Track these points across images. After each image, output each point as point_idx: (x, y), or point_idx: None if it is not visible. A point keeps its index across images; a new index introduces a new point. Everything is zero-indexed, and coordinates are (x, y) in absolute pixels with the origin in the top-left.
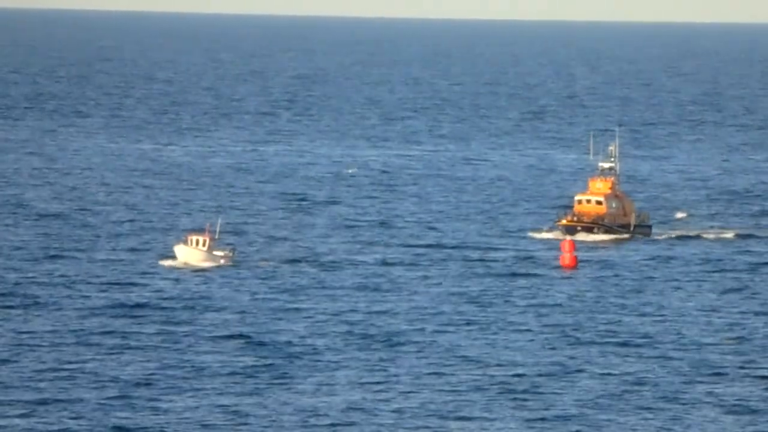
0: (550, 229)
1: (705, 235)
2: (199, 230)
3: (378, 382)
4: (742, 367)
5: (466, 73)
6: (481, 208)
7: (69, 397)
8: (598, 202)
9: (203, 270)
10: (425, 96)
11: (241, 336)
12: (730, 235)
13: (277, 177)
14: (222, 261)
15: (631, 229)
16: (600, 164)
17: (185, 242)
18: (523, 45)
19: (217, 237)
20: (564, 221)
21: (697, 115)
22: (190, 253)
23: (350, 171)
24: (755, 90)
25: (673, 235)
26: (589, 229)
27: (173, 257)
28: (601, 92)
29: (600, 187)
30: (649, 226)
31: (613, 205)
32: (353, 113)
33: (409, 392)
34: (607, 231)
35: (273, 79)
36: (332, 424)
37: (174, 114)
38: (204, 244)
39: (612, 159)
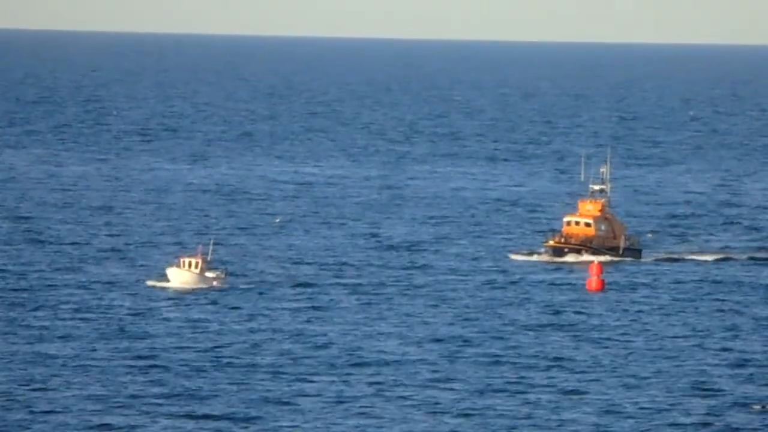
0: (530, 253)
1: (700, 257)
2: (192, 252)
3: (380, 407)
4: (744, 393)
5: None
6: (483, 229)
7: (58, 419)
8: (587, 224)
9: (195, 292)
10: (428, 118)
11: (234, 358)
12: (714, 257)
13: (270, 197)
14: (214, 282)
15: (620, 252)
16: (590, 186)
17: (178, 265)
18: (519, 65)
19: (209, 258)
20: (551, 242)
21: (697, 136)
22: (183, 276)
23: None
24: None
25: (663, 258)
26: (576, 251)
27: (166, 279)
28: (602, 112)
29: (590, 209)
30: (639, 250)
31: (602, 227)
32: (348, 133)
33: (416, 419)
34: (595, 253)
35: (266, 99)
36: None
37: (168, 135)
38: (196, 267)
39: (603, 181)
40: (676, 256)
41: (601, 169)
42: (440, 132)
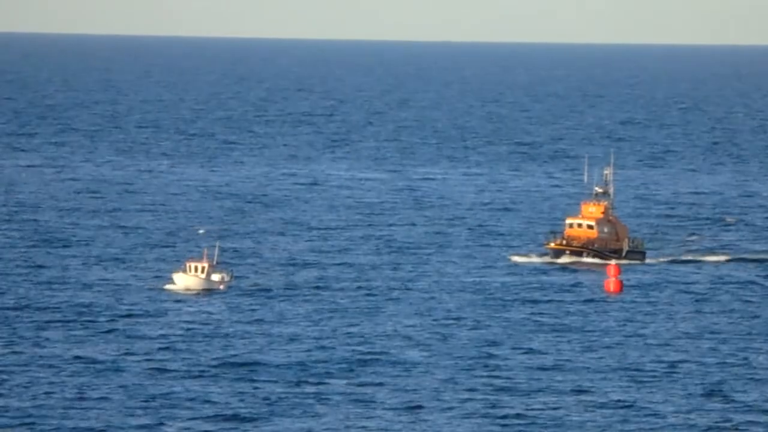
0: (528, 254)
1: (708, 259)
2: (198, 256)
3: (388, 408)
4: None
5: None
6: (487, 230)
7: (64, 421)
8: (589, 227)
9: (202, 295)
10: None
11: (242, 360)
12: (719, 258)
13: (277, 200)
14: (220, 286)
15: (623, 254)
16: (594, 188)
17: (184, 269)
18: (526, 67)
19: (215, 262)
20: (553, 244)
21: (704, 137)
22: (189, 280)
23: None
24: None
25: (667, 261)
26: (577, 254)
27: (172, 283)
28: (612, 116)
29: (592, 211)
30: (643, 253)
31: (605, 229)
32: (356, 136)
33: (424, 420)
34: (597, 255)
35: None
36: None
37: (175, 137)
38: (203, 271)
39: (606, 183)
40: (681, 258)
41: (605, 171)
42: (446, 134)
